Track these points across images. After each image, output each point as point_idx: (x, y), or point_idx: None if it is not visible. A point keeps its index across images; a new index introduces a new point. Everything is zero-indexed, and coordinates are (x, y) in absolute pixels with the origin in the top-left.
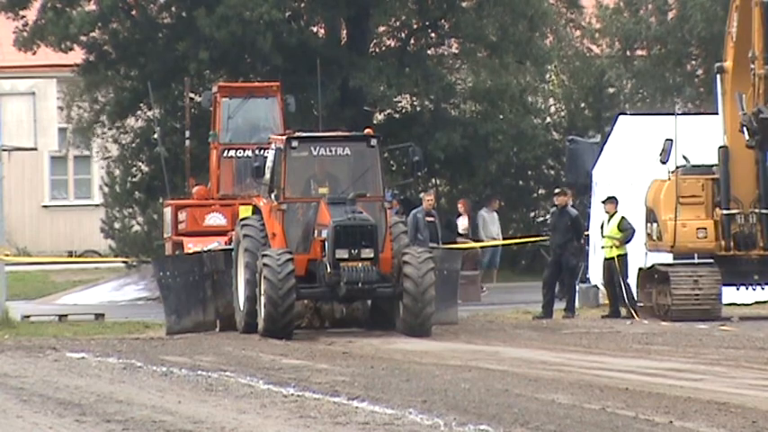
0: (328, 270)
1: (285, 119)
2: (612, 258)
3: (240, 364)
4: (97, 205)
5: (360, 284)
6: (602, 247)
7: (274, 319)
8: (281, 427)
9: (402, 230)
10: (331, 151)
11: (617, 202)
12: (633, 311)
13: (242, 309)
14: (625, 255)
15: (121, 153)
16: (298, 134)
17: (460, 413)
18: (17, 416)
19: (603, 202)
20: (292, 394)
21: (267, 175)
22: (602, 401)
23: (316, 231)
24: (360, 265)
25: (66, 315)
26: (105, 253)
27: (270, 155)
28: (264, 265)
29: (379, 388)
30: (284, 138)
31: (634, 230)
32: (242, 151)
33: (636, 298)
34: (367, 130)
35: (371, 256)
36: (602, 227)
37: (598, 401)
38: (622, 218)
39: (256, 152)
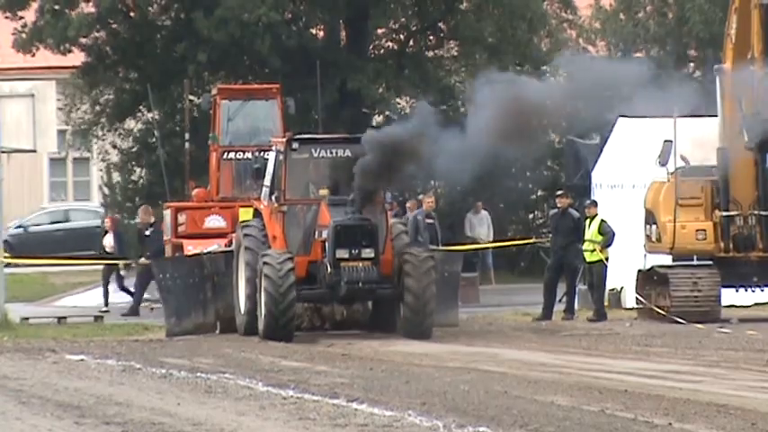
0: (329, 270)
1: (285, 121)
2: (594, 262)
3: (239, 366)
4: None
5: (360, 284)
6: (584, 251)
7: (275, 321)
8: (280, 429)
9: (402, 231)
10: (331, 153)
11: (597, 205)
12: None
13: (242, 312)
14: (606, 259)
15: (121, 158)
16: (298, 136)
17: (460, 415)
18: (16, 418)
19: (585, 206)
20: (291, 396)
21: (268, 177)
22: (601, 403)
23: (316, 232)
24: (360, 265)
25: (65, 317)
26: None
27: (270, 157)
28: (265, 263)
29: (379, 390)
30: (285, 140)
31: (614, 233)
32: (242, 153)
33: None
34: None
35: (372, 256)
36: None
37: (597, 403)
38: (602, 221)
39: (256, 154)
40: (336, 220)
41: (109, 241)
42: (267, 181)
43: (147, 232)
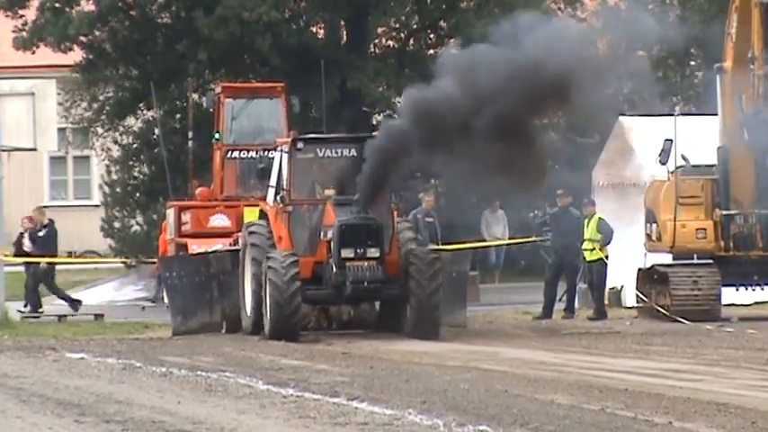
0: (334, 270)
1: (290, 119)
2: (594, 261)
3: (239, 364)
4: (97, 205)
5: (365, 284)
6: (584, 250)
7: (280, 321)
8: (280, 428)
9: (408, 228)
10: (337, 152)
11: (595, 204)
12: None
13: (248, 314)
14: (606, 257)
15: (122, 155)
16: (303, 136)
17: (460, 414)
18: (16, 416)
19: (583, 205)
20: (292, 395)
21: (273, 178)
22: (601, 402)
23: (322, 233)
24: (365, 264)
25: (65, 315)
26: (105, 253)
27: (275, 157)
28: (269, 267)
29: (379, 388)
30: (290, 139)
31: (612, 231)
32: (246, 152)
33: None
34: (375, 133)
35: (377, 255)
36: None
37: (597, 402)
38: (600, 219)
39: (261, 153)
40: (341, 219)
41: (27, 241)
42: (272, 181)
43: (41, 233)
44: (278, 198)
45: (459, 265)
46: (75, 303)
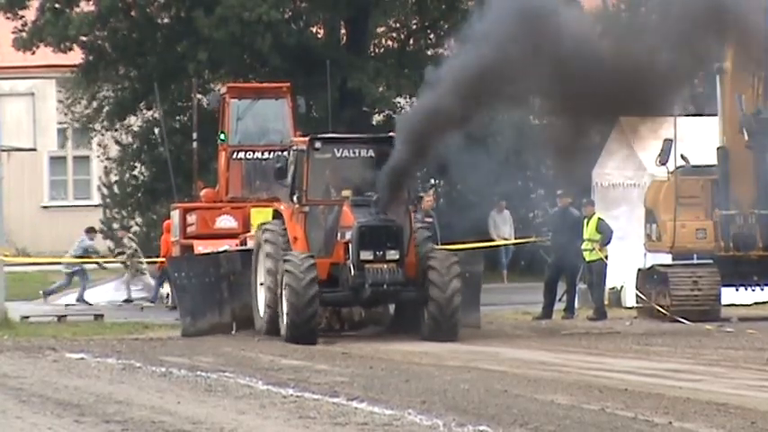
0: (352, 272)
1: (296, 120)
2: (594, 261)
3: (239, 364)
4: (96, 206)
5: (385, 286)
6: (584, 250)
7: (297, 325)
8: (280, 428)
9: (425, 233)
10: (354, 153)
11: (594, 204)
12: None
13: (262, 316)
14: (606, 257)
15: (122, 155)
16: (321, 135)
17: (459, 414)
18: (16, 416)
19: (582, 205)
20: (291, 395)
21: (288, 178)
22: (601, 402)
23: (339, 234)
24: (385, 266)
25: (65, 316)
26: (104, 254)
27: (291, 157)
28: (286, 270)
29: (379, 389)
30: (307, 139)
31: (611, 231)
32: (251, 153)
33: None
34: (391, 133)
35: (397, 257)
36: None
37: (597, 402)
38: (599, 219)
39: (278, 153)
40: (360, 220)
41: None
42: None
43: None
44: (294, 198)
45: (473, 265)
46: None
